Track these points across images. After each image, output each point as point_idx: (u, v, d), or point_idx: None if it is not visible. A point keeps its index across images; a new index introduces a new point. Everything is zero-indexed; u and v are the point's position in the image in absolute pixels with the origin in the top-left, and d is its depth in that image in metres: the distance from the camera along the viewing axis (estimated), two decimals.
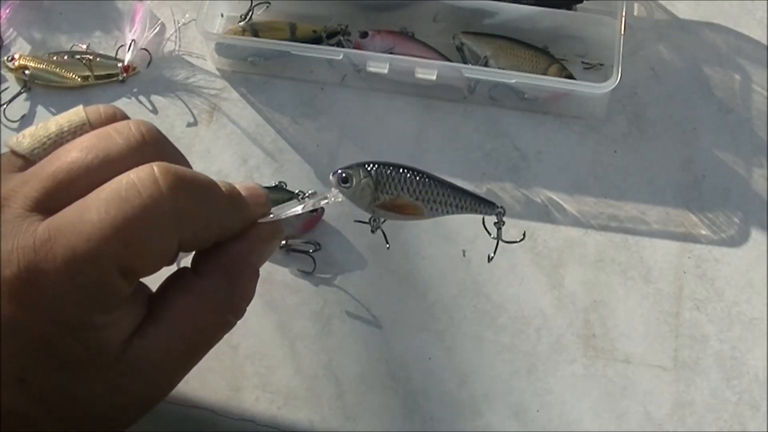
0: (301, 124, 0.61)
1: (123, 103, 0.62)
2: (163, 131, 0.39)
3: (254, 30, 0.63)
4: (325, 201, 0.41)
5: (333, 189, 0.40)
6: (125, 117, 0.39)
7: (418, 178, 0.40)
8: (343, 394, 0.51)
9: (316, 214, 0.56)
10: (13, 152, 0.37)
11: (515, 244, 0.55)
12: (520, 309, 0.54)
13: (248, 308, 0.41)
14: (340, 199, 0.40)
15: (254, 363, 0.52)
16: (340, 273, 0.55)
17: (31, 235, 0.33)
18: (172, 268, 0.40)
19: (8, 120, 0.61)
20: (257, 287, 0.40)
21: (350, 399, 0.51)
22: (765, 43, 0.64)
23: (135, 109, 0.62)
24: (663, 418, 0.50)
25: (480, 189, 0.58)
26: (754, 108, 0.61)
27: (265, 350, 0.53)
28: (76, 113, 0.39)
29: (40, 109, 0.62)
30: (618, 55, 0.57)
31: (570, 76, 0.60)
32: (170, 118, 0.61)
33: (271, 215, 0.40)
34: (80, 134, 0.37)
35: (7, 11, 0.66)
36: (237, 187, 0.39)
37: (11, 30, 0.65)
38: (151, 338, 0.36)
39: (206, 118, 0.62)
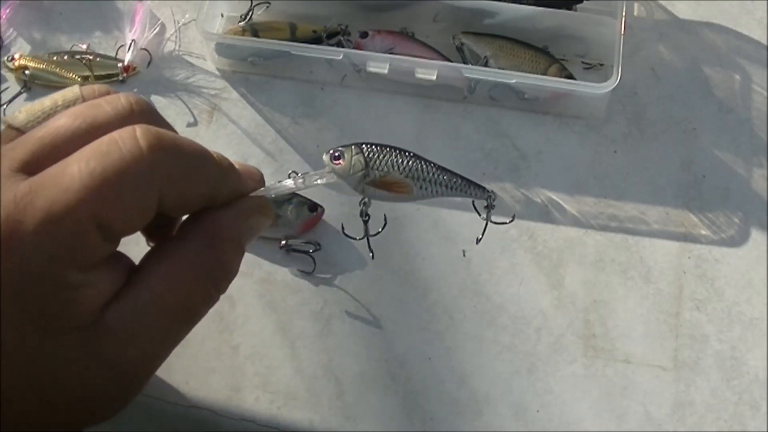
0: (301, 124, 0.61)
1: None
2: None
3: (254, 30, 0.63)
4: (318, 179, 0.41)
5: (326, 168, 0.41)
6: None
7: (408, 156, 0.41)
8: (343, 394, 0.51)
9: (316, 214, 0.56)
10: (9, 126, 0.39)
11: (515, 244, 0.56)
12: (520, 309, 0.54)
13: (248, 308, 0.41)
14: (333, 179, 0.41)
15: (254, 363, 0.52)
16: (340, 273, 0.55)
17: (14, 190, 0.34)
18: None
19: None
20: (258, 287, 0.40)
21: (350, 399, 0.51)
22: (765, 43, 0.64)
23: None
24: (663, 418, 0.50)
25: None
26: (754, 108, 0.61)
27: (265, 350, 0.53)
28: (71, 90, 0.40)
29: None
30: (618, 55, 0.57)
31: (570, 76, 0.60)
32: (170, 118, 0.60)
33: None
34: None
35: (7, 11, 0.66)
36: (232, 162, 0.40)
37: (11, 30, 0.65)
38: (128, 302, 0.36)
39: (206, 118, 0.62)
